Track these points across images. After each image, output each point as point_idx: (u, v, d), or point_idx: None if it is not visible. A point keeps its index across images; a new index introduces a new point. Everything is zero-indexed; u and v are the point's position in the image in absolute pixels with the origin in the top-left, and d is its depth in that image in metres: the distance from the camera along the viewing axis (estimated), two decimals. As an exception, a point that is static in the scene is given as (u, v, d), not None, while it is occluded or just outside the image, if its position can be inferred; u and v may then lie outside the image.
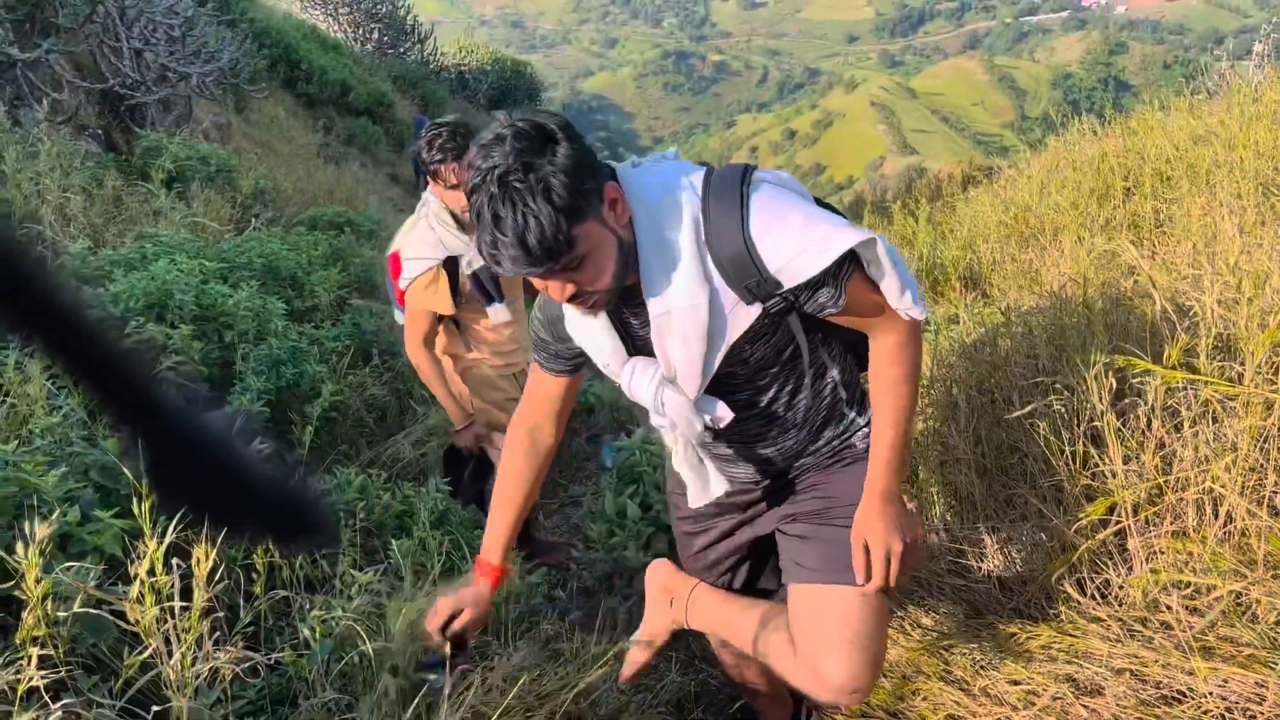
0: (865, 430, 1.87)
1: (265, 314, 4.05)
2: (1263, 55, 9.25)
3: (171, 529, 1.95)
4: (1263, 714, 1.90)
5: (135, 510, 1.93)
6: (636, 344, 1.71)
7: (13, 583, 1.67)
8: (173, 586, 1.80)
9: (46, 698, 1.61)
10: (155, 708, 1.76)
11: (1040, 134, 8.15)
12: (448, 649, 2.00)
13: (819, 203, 1.73)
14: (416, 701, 2.11)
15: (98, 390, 0.64)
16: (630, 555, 3.38)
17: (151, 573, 1.87)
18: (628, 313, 1.68)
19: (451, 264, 3.12)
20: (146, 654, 1.77)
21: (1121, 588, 2.38)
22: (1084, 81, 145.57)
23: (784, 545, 1.94)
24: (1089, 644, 2.25)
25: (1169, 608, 2.22)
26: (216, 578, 1.97)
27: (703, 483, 1.86)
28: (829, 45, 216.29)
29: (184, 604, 1.80)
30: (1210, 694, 2.00)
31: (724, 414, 1.69)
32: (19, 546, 1.63)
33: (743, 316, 1.59)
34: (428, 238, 3.12)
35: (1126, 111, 7.12)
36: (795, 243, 1.53)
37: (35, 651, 1.61)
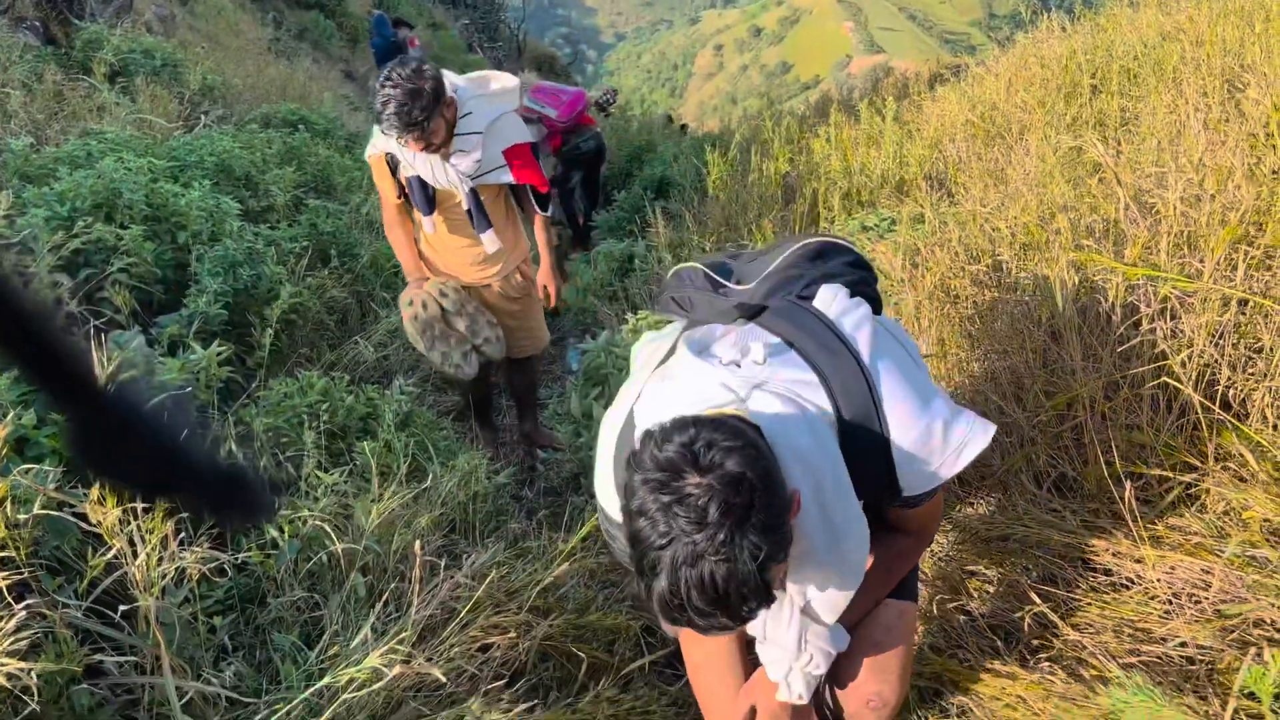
0: None
1: (219, 214, 3.94)
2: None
3: (130, 431, 1.92)
4: (1208, 599, 1.97)
5: (92, 413, 1.90)
6: None
7: (-32, 486, 1.64)
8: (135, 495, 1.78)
9: (9, 598, 1.60)
10: (123, 607, 1.76)
11: (1008, 31, 8.02)
12: None
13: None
14: (386, 596, 2.13)
15: (35, 375, 0.65)
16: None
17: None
18: None
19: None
20: (110, 555, 1.76)
21: (1077, 480, 2.43)
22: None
23: None
24: (1043, 535, 2.31)
25: (1123, 500, 2.28)
26: (179, 479, 1.96)
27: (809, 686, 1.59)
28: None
29: (146, 505, 1.79)
30: (1158, 580, 2.07)
31: (843, 639, 1.53)
32: (-27, 450, 1.60)
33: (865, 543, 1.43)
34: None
35: (1096, 8, 7.02)
36: (936, 458, 1.41)
37: (-4, 554, 1.59)
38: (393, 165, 3.19)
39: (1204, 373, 2.33)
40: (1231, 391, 2.31)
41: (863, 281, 1.64)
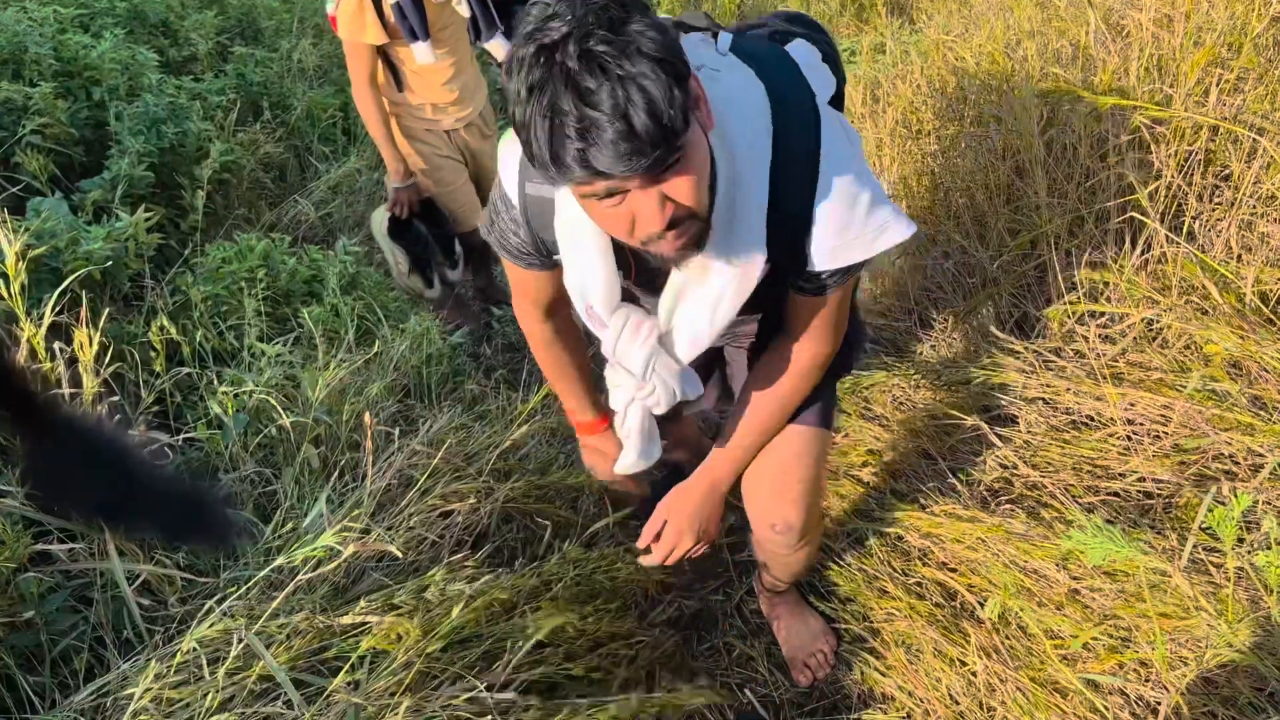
0: None
1: (136, 66, 3.66)
2: None
3: (49, 310, 1.81)
4: (1168, 434, 1.97)
5: (5, 292, 1.78)
6: (636, 275, 1.41)
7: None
8: (59, 372, 1.69)
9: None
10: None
11: None
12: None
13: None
14: (340, 467, 2.09)
15: None
16: (552, 309, 3.32)
17: (34, 357, 1.75)
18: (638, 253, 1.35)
19: None
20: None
21: (1039, 320, 2.40)
22: None
23: (730, 366, 1.87)
24: (1005, 376, 2.29)
25: (1084, 337, 2.26)
26: (108, 359, 1.86)
27: (647, 451, 1.57)
28: None
29: (74, 390, 1.70)
30: (1117, 418, 2.07)
31: (702, 397, 1.52)
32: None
33: (754, 278, 1.32)
34: None
35: None
36: (855, 229, 1.29)
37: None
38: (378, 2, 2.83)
39: (1170, 204, 2.27)
40: (1198, 224, 2.27)
41: (832, 62, 1.52)
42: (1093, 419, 2.16)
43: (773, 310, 1.54)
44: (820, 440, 1.68)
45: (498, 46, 3.02)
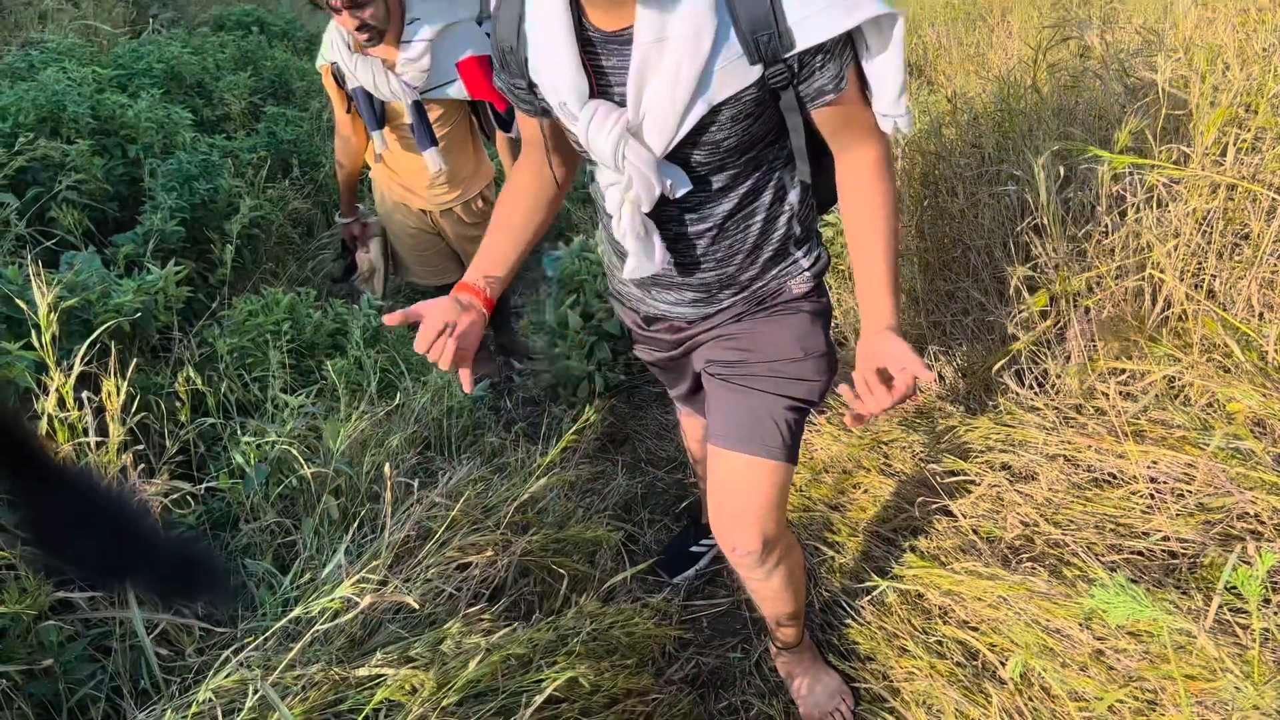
0: (806, 273, 1.72)
1: (171, 125, 3.77)
2: None
3: (79, 360, 1.84)
4: (1192, 492, 1.95)
5: (36, 342, 1.82)
6: (603, 89, 1.48)
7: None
8: (86, 420, 1.72)
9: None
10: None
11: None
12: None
13: None
14: (360, 518, 2.10)
15: None
16: (573, 365, 3.34)
17: (62, 406, 1.78)
18: (604, 49, 1.44)
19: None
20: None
21: (1059, 377, 2.40)
22: None
23: (706, 392, 1.87)
24: (1025, 433, 2.28)
25: (1105, 394, 2.25)
26: (134, 409, 1.89)
27: (646, 252, 1.61)
28: None
29: (100, 439, 1.72)
30: (1140, 475, 2.05)
31: (683, 183, 1.52)
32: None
33: (737, 76, 1.39)
34: (330, 34, 3.02)
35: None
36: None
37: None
38: (339, 78, 3.02)
39: (1189, 262, 2.27)
40: (1217, 281, 2.26)
41: None
42: (1115, 476, 2.14)
43: (743, 172, 1.58)
44: (780, 472, 1.72)
45: (432, 159, 3.07)
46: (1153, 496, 2.02)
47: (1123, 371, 2.28)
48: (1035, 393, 2.42)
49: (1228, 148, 2.25)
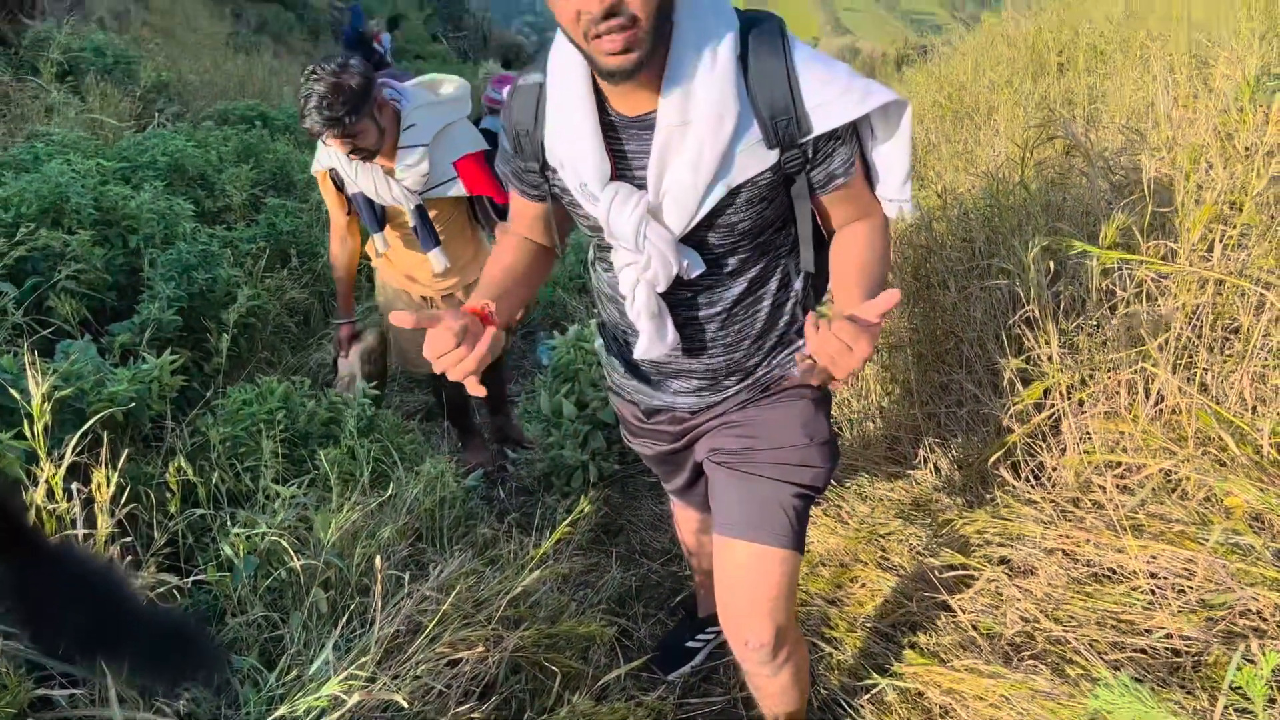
0: (808, 360, 1.74)
1: (172, 216, 3.82)
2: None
3: (70, 450, 1.83)
4: (1193, 588, 1.93)
5: (28, 432, 1.81)
6: (623, 171, 1.52)
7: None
8: (74, 512, 1.69)
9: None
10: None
11: (973, 10, 7.97)
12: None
13: None
14: (349, 612, 2.06)
15: None
16: (567, 454, 3.33)
17: (51, 497, 1.76)
18: (625, 133, 1.49)
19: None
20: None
21: (1055, 470, 2.39)
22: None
23: (709, 481, 1.86)
24: (1023, 527, 2.26)
25: (1101, 488, 2.24)
26: (124, 499, 1.87)
27: (659, 332, 1.62)
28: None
29: (88, 531, 1.70)
30: (1140, 571, 2.03)
31: (698, 264, 1.55)
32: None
33: (756, 160, 1.44)
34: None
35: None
36: (840, 84, 1.42)
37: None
38: (338, 182, 3.07)
39: (1181, 356, 2.29)
40: (1209, 374, 2.28)
41: None
42: (1115, 571, 2.12)
43: (752, 257, 1.61)
44: (790, 561, 1.70)
45: (437, 258, 3.11)
46: (1153, 592, 1.99)
47: (1119, 464, 2.28)
48: (1032, 485, 2.41)
49: (1214, 244, 2.29)
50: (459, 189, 3.01)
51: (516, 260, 1.77)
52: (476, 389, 1.50)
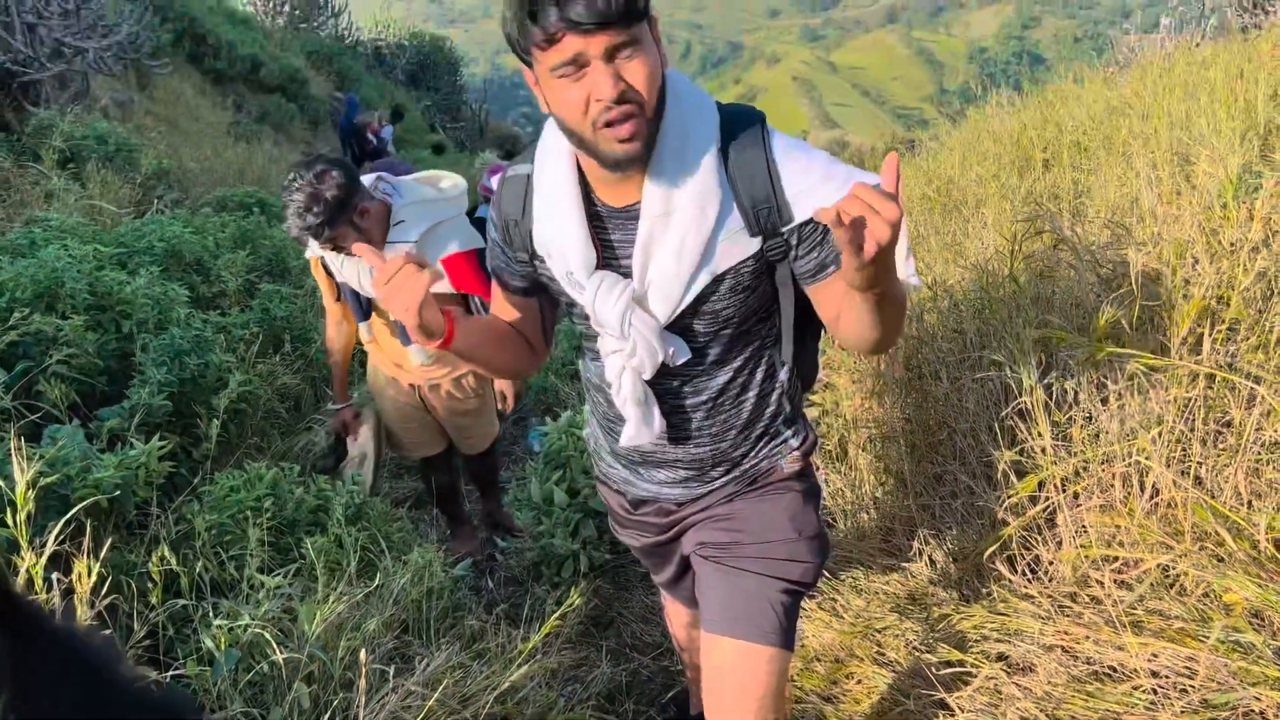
0: (795, 452, 1.74)
1: (166, 301, 3.83)
2: (1169, 28, 9.44)
3: (52, 539, 1.80)
4: (1194, 688, 1.89)
5: (10, 520, 1.78)
6: (609, 260, 1.54)
7: None
8: (53, 603, 1.66)
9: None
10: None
11: (959, 106, 8.19)
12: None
13: None
14: (332, 708, 2.00)
15: None
16: (558, 543, 3.29)
17: (31, 587, 1.72)
18: (611, 223, 1.51)
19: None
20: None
21: (1051, 563, 2.36)
22: (999, 55, 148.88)
23: (696, 576, 1.83)
24: (1020, 622, 2.22)
25: (1099, 582, 2.21)
26: (105, 590, 1.83)
27: (645, 420, 1.62)
28: (751, 19, 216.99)
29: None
30: (1141, 669, 1.99)
31: (683, 352, 1.56)
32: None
33: (739, 247, 1.46)
34: None
35: (1042, 84, 7.20)
36: (819, 172, 1.44)
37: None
38: (328, 268, 3.10)
39: (1174, 449, 2.28)
40: (1204, 468, 2.27)
41: None
42: (1115, 670, 2.07)
43: (736, 345, 1.61)
44: (778, 659, 1.67)
45: (414, 353, 3.14)
46: (1155, 691, 1.95)
47: (1116, 559, 2.26)
48: (1028, 579, 2.38)
49: (1203, 338, 2.31)
50: (444, 286, 3.01)
51: (499, 324, 1.76)
52: (414, 319, 1.44)
